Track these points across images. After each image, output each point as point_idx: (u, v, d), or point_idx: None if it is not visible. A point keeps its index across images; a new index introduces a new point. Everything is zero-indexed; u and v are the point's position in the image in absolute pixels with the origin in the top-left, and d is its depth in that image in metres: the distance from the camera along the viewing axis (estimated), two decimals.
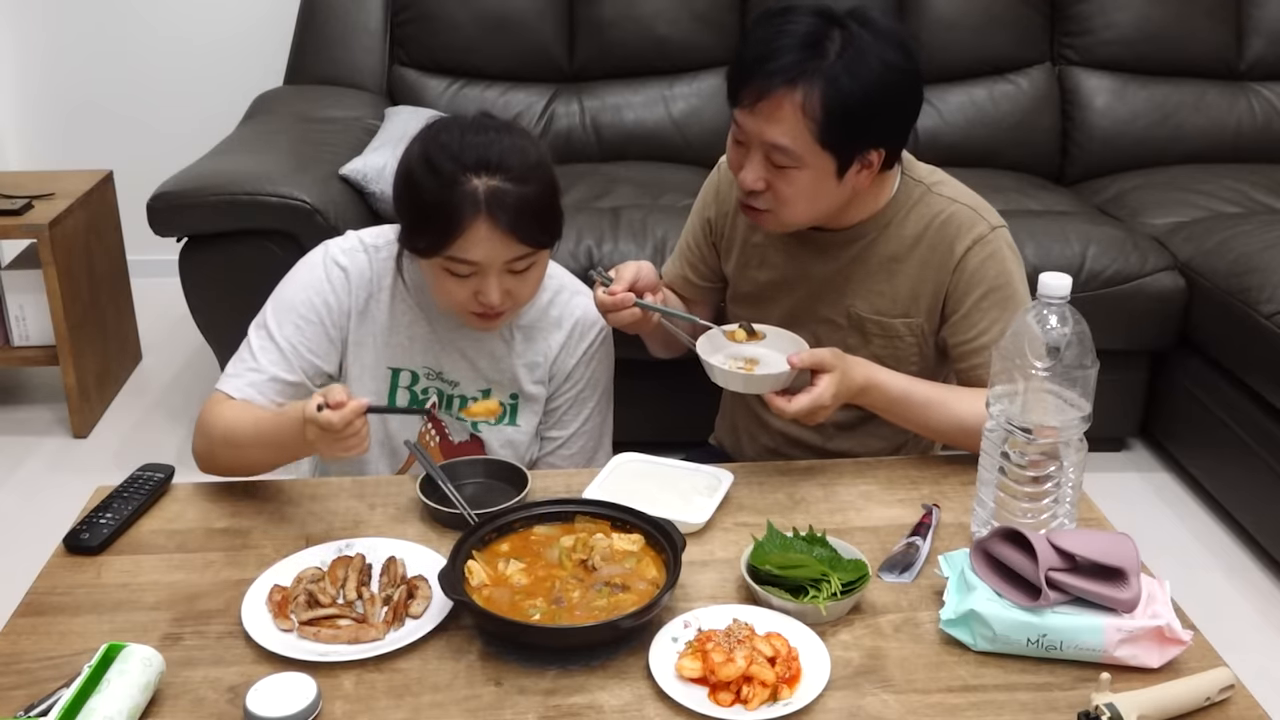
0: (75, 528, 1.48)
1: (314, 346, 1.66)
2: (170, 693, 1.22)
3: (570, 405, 1.80)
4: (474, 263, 1.55)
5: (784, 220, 1.67)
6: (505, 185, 1.52)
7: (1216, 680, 1.21)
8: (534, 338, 1.76)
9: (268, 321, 1.67)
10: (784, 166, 1.59)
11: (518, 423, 1.77)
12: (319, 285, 1.68)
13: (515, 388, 1.76)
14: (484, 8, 3.48)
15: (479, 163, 1.52)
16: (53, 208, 3.08)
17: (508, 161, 1.53)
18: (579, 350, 1.77)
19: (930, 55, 3.45)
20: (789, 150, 1.57)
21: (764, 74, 1.55)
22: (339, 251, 1.70)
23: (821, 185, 1.61)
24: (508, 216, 1.52)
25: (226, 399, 1.63)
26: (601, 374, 1.82)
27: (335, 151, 2.94)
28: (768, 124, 1.57)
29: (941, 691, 1.23)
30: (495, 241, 1.53)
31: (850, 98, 1.53)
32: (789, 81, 1.54)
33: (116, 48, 3.94)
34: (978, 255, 1.68)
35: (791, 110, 1.55)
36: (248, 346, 1.67)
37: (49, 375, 3.35)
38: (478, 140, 1.54)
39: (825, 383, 1.56)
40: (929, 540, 1.48)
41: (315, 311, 1.67)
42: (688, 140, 3.47)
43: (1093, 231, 2.90)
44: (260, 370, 1.63)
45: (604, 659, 1.26)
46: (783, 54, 1.54)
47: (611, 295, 1.65)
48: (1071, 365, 1.35)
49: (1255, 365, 2.65)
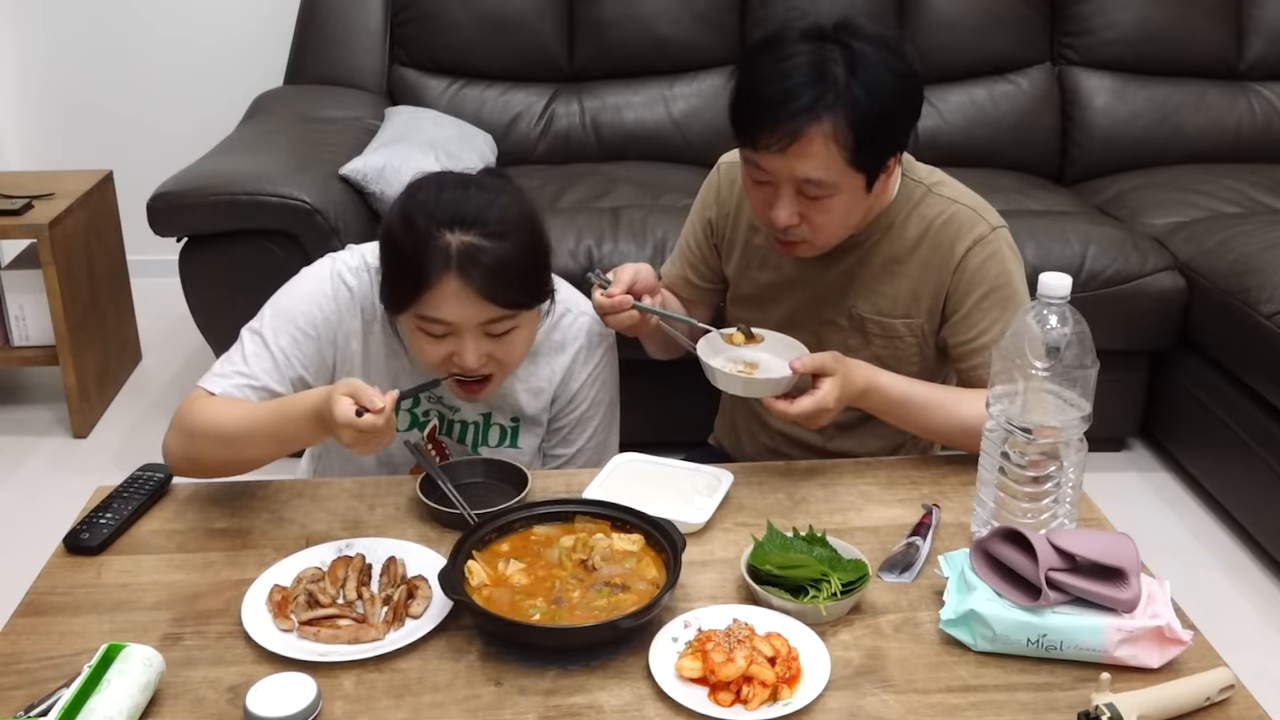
0: (75, 528, 1.48)
1: (306, 361, 1.62)
2: (170, 693, 1.21)
3: (575, 425, 1.78)
4: (446, 322, 1.49)
5: (821, 245, 1.68)
6: (480, 242, 1.46)
7: (1216, 680, 1.21)
8: (537, 362, 1.72)
9: (264, 328, 1.62)
10: (818, 197, 1.59)
11: (519, 445, 1.76)
12: (324, 303, 1.63)
13: (516, 411, 1.74)
14: (484, 8, 3.47)
15: (453, 218, 1.47)
16: (53, 208, 3.08)
17: (484, 217, 1.47)
18: (584, 374, 1.75)
19: (930, 55, 3.45)
20: (823, 182, 1.56)
21: (788, 115, 1.52)
22: (347, 270, 1.65)
23: (855, 203, 1.62)
24: (480, 275, 1.46)
25: (208, 396, 1.57)
26: (605, 393, 1.79)
27: (335, 151, 2.94)
28: (799, 161, 1.55)
29: (941, 691, 1.23)
30: (465, 300, 1.47)
31: (872, 114, 1.53)
32: (814, 117, 1.52)
33: (116, 48, 3.94)
34: (978, 255, 1.68)
35: (823, 143, 1.54)
36: (240, 349, 1.62)
37: (49, 375, 3.35)
38: (455, 195, 1.49)
39: (828, 386, 1.56)
40: (929, 540, 1.48)
41: (315, 328, 1.62)
42: (688, 140, 3.47)
43: (1093, 231, 2.90)
44: (251, 376, 1.58)
45: (604, 659, 1.26)
46: (799, 91, 1.52)
47: (609, 298, 1.65)
48: (1071, 365, 1.35)
49: (1255, 365, 2.65)
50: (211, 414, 1.55)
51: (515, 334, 1.54)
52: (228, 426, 1.53)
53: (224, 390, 1.58)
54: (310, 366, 1.62)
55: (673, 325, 1.74)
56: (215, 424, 1.53)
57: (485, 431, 1.74)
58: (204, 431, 1.54)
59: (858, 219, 1.67)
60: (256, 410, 1.53)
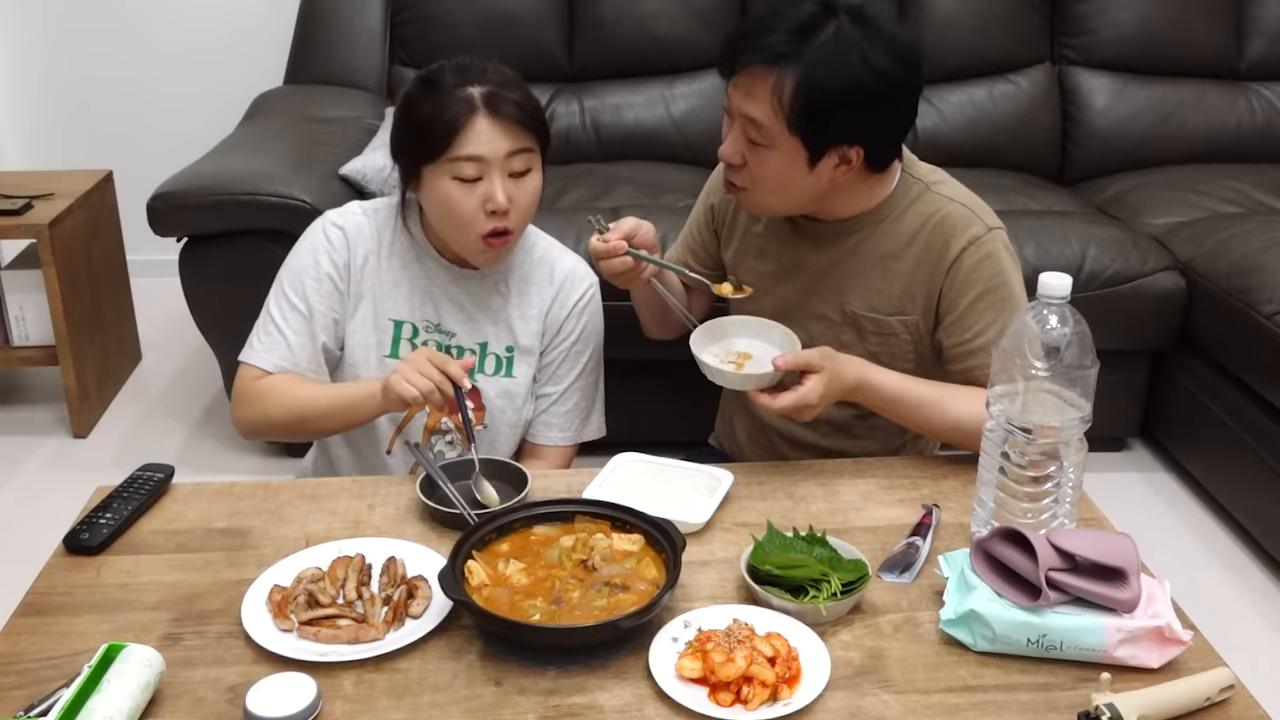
0: (75, 528, 1.48)
1: (330, 302, 1.77)
2: (170, 693, 1.21)
3: (564, 359, 1.85)
4: (479, 158, 1.64)
5: (756, 201, 1.70)
6: (498, 90, 1.66)
7: (1216, 680, 1.21)
8: (527, 290, 1.83)
9: (285, 291, 1.77)
10: (758, 144, 1.62)
11: (514, 374, 1.82)
12: (321, 245, 1.78)
13: (511, 339, 1.82)
14: (484, 8, 3.47)
15: (471, 76, 1.67)
16: (53, 208, 3.07)
17: (495, 76, 1.68)
18: (569, 302, 1.84)
19: (930, 55, 3.44)
20: (761, 127, 1.59)
21: (748, 49, 1.59)
22: (335, 215, 1.81)
23: (792, 171, 1.62)
24: (506, 107, 1.65)
25: (264, 374, 1.75)
26: (592, 331, 1.88)
27: (335, 151, 2.94)
28: (745, 98, 1.60)
29: (941, 691, 1.23)
30: (496, 133, 1.64)
31: (821, 91, 1.55)
32: (767, 61, 1.57)
33: (116, 47, 3.94)
34: (972, 256, 1.68)
35: (764, 90, 1.57)
36: (269, 319, 1.77)
37: (49, 375, 3.35)
38: (465, 63, 1.70)
39: (812, 382, 1.57)
40: (929, 540, 1.48)
41: (322, 269, 1.77)
42: (687, 140, 3.47)
43: (1093, 231, 2.90)
44: (287, 341, 1.75)
45: (604, 659, 1.26)
46: (770, 34, 1.58)
47: (605, 242, 1.70)
48: (1071, 365, 1.35)
49: (1255, 365, 2.65)
50: (293, 399, 1.73)
51: (530, 178, 1.70)
52: (310, 409, 1.73)
53: (274, 364, 1.75)
54: (336, 306, 1.78)
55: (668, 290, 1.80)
56: (298, 409, 1.73)
57: (482, 360, 1.81)
58: (288, 416, 1.74)
59: (801, 195, 1.67)
60: (333, 395, 1.73)
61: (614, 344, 1.93)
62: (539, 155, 1.71)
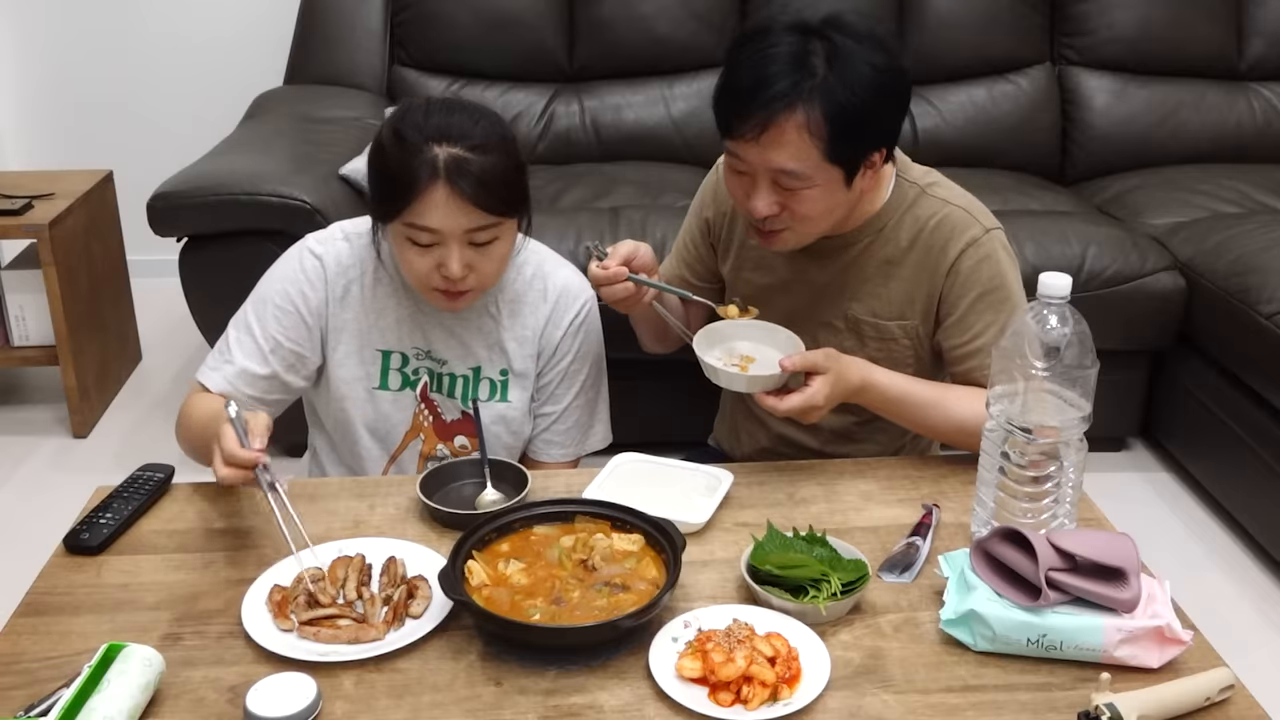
0: (75, 528, 1.48)
1: (293, 335, 1.71)
2: (170, 693, 1.21)
3: (561, 379, 1.81)
4: (433, 229, 1.56)
5: (801, 237, 1.67)
6: (465, 154, 1.55)
7: (1216, 680, 1.21)
8: (520, 312, 1.77)
9: (247, 316, 1.72)
10: (793, 189, 1.58)
11: (509, 399, 1.78)
12: (294, 277, 1.72)
13: (505, 363, 1.77)
14: (484, 8, 3.48)
15: (441, 133, 1.56)
16: (53, 208, 3.08)
17: (470, 133, 1.56)
18: (565, 321, 1.78)
19: (930, 55, 3.46)
20: (798, 173, 1.56)
21: (761, 103, 1.53)
22: (315, 242, 1.75)
23: (833, 197, 1.60)
24: (467, 183, 1.54)
25: (201, 389, 1.70)
26: (590, 347, 1.82)
27: (335, 151, 2.94)
28: (773, 151, 1.55)
29: (941, 691, 1.23)
30: (453, 208, 1.55)
31: (849, 108, 1.53)
32: (788, 106, 1.52)
33: (116, 47, 3.94)
34: (971, 258, 1.68)
35: (796, 133, 1.53)
36: (225, 339, 1.73)
37: (49, 375, 3.35)
38: (443, 115, 1.58)
39: (818, 384, 1.57)
40: (929, 540, 1.48)
41: (290, 302, 1.71)
42: (687, 140, 3.47)
43: (1093, 231, 2.90)
44: (233, 363, 1.70)
45: (604, 659, 1.26)
46: (775, 80, 1.52)
47: (604, 270, 1.66)
48: (1071, 365, 1.35)
49: (1255, 365, 2.65)
50: (191, 411, 1.69)
51: (495, 246, 1.61)
52: (190, 425, 1.69)
53: (216, 383, 1.70)
54: (298, 339, 1.71)
55: (668, 309, 1.76)
56: (186, 422, 1.70)
57: (475, 385, 1.77)
58: (183, 426, 1.71)
59: (842, 214, 1.66)
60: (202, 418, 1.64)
61: (614, 344, 1.92)
62: (507, 224, 1.61)
